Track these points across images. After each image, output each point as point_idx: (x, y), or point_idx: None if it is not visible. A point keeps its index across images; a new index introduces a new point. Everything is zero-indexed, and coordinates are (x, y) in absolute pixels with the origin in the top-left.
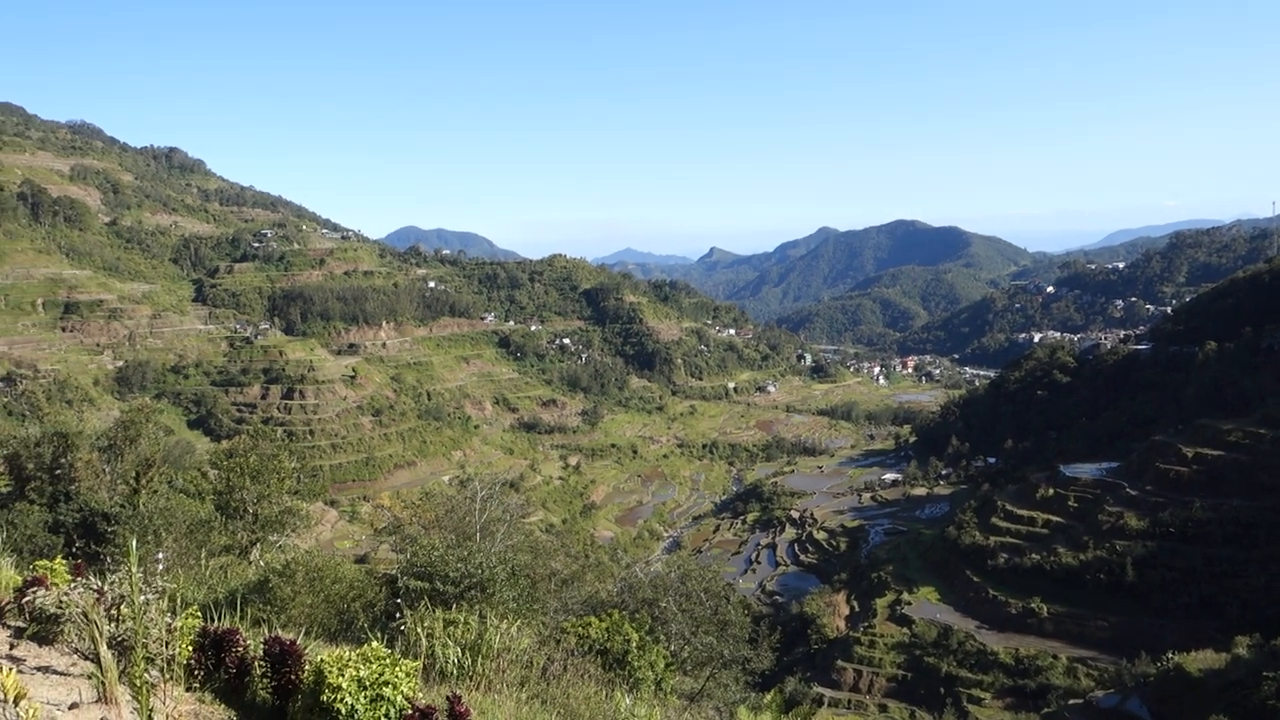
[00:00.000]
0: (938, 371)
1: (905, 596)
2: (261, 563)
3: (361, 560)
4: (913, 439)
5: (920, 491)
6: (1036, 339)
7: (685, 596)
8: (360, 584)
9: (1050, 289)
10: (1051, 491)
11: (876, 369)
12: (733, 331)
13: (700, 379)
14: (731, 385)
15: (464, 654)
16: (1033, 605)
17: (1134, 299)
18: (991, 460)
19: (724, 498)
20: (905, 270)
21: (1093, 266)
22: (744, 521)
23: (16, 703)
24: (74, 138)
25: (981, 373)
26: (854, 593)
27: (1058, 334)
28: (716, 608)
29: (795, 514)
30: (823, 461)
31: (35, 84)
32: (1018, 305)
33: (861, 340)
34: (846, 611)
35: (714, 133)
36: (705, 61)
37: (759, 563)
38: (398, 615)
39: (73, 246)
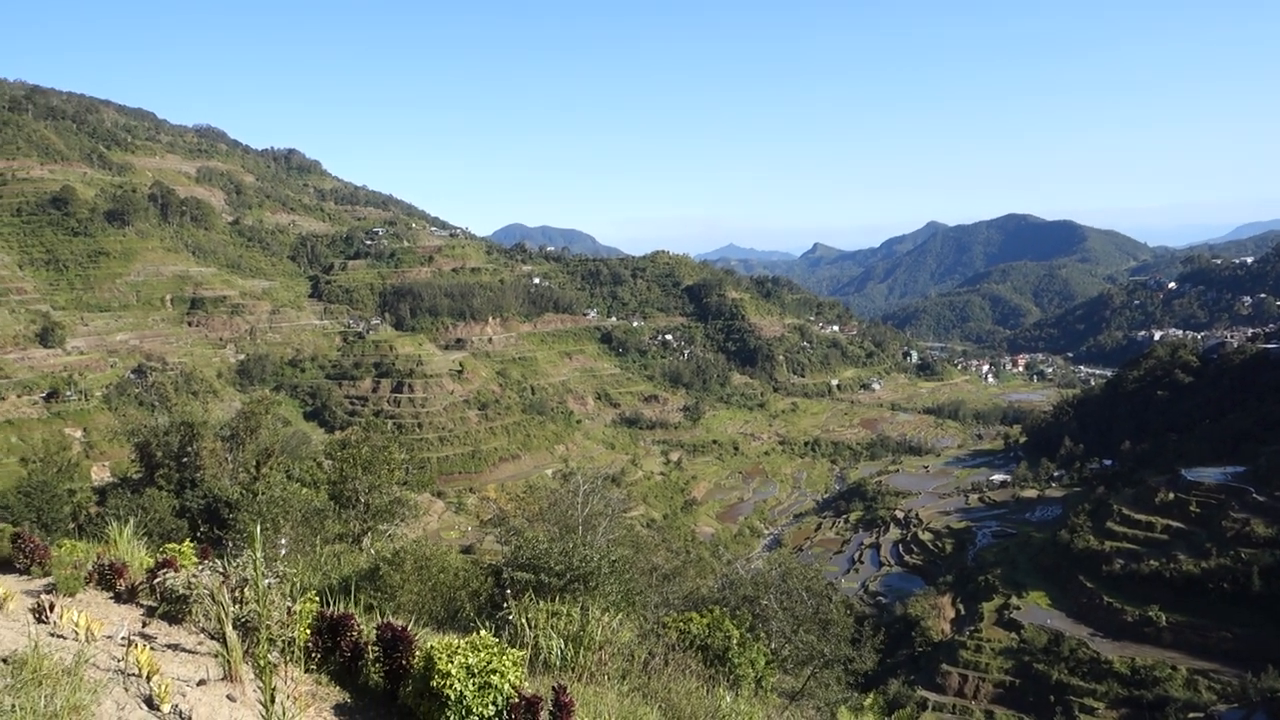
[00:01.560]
0: (1050, 370)
1: (1014, 601)
2: (372, 551)
3: (467, 550)
4: (1023, 439)
5: (1030, 493)
6: (1157, 337)
7: (786, 594)
8: (466, 574)
9: (1172, 285)
10: (1172, 496)
11: (985, 367)
12: (836, 328)
13: (803, 376)
14: (835, 382)
15: (567, 645)
16: (1150, 614)
17: (1263, 295)
18: (1107, 462)
19: (826, 496)
20: (1017, 266)
21: (1218, 261)
22: (847, 520)
23: (150, 678)
24: (200, 141)
25: (1097, 372)
26: (960, 595)
27: (1180, 332)
28: (818, 607)
29: (900, 514)
30: (928, 461)
31: (165, 90)
32: (1137, 302)
33: (970, 338)
34: (952, 614)
35: (820, 127)
36: (812, 56)
37: (862, 563)
38: (503, 605)
39: (198, 245)
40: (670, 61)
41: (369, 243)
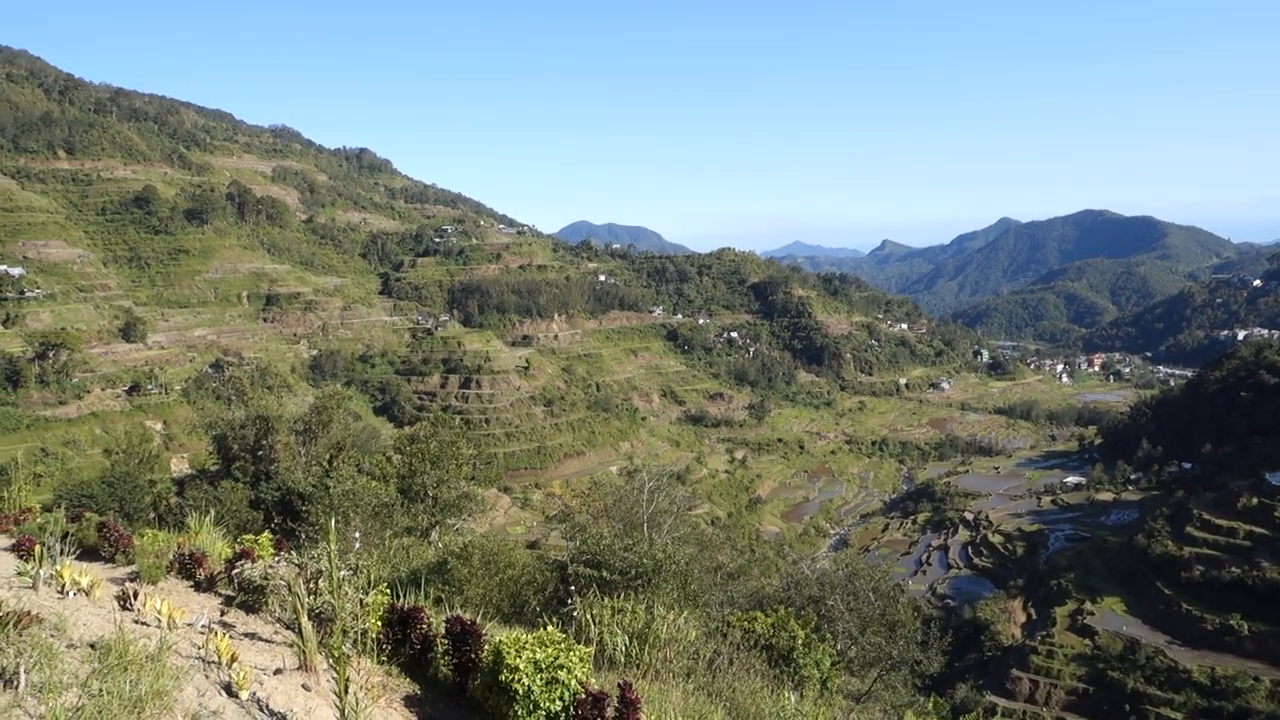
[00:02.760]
0: (1127, 370)
1: (1088, 606)
2: (440, 545)
3: (532, 546)
4: (1098, 441)
5: (1106, 496)
6: (1241, 336)
7: (853, 595)
8: (532, 569)
9: (1257, 282)
10: (1255, 501)
11: (1059, 366)
12: (905, 326)
13: (870, 374)
14: (903, 381)
15: (631, 642)
16: (1231, 622)
17: None
18: (1187, 465)
19: (893, 496)
20: (1093, 263)
21: None
22: (914, 521)
23: (229, 666)
24: (275, 141)
25: (1177, 372)
26: (1031, 600)
27: (1265, 331)
28: (885, 608)
29: (969, 515)
30: (999, 462)
31: (243, 92)
32: (1219, 300)
33: (1043, 336)
34: (1023, 619)
35: (891, 122)
36: (885, 51)
37: (930, 564)
38: (568, 601)
39: (273, 243)
40: (738, 58)
41: (438, 240)
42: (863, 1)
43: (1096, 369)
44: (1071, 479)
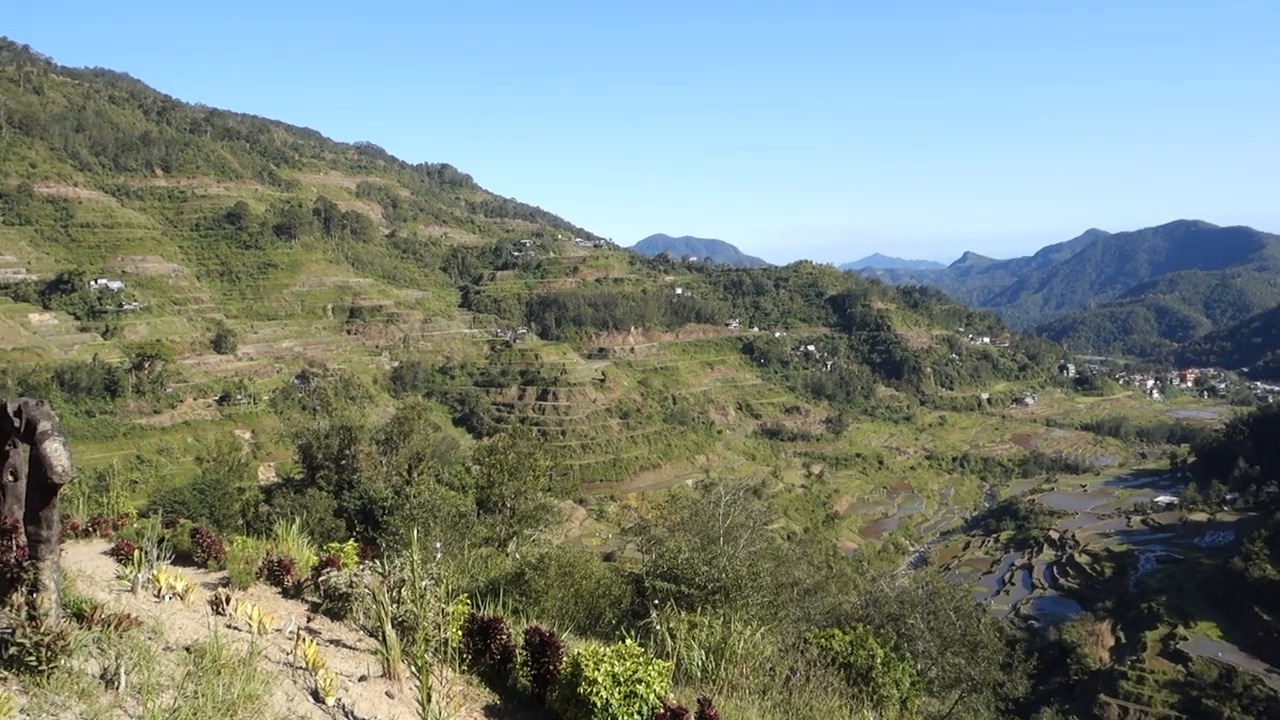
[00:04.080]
0: (1223, 386)
1: (1180, 631)
2: (517, 555)
3: (608, 558)
4: (1191, 459)
5: (1199, 517)
6: None
7: (933, 614)
8: (607, 581)
9: None
10: None
11: (1150, 382)
12: (987, 340)
13: (951, 389)
14: (985, 396)
15: (708, 657)
16: None
17: None
18: None
19: (975, 514)
20: (1185, 275)
21: None
22: (997, 540)
23: (316, 672)
24: (360, 158)
25: (1276, 388)
26: (1120, 623)
27: None
28: (966, 628)
29: (1054, 534)
30: (1086, 480)
31: (330, 110)
32: None
33: (1133, 351)
34: (1111, 642)
35: (972, 132)
36: (965, 58)
37: (1013, 584)
38: (645, 614)
39: (357, 256)
40: (815, 69)
41: (516, 254)
42: (949, 12)
43: (1189, 385)
44: (1163, 498)
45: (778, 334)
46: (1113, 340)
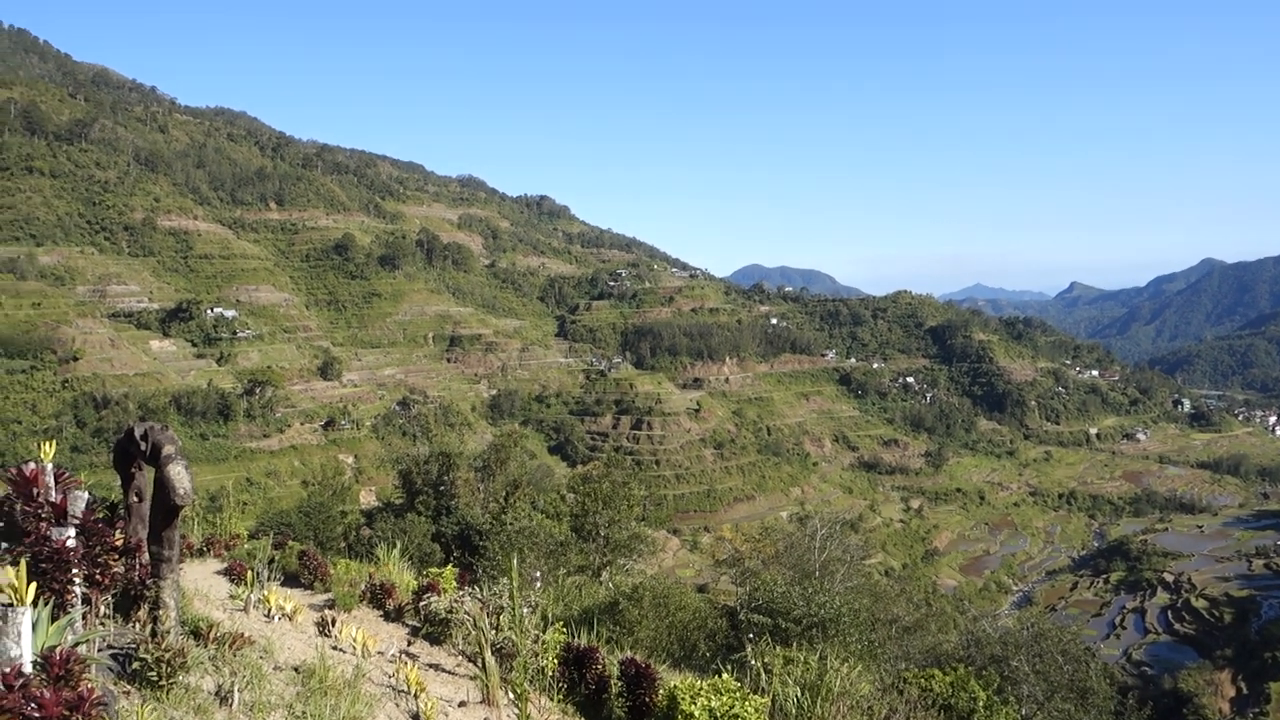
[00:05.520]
0: None
1: None
2: (611, 584)
3: (702, 589)
4: None
5: None
6: None
7: (1039, 657)
8: (702, 613)
9: None
10: None
11: (1272, 418)
12: (1095, 373)
13: (1057, 423)
14: (1093, 431)
15: (803, 694)
16: None
17: None
18: None
19: (1083, 553)
20: None
21: None
22: (1106, 581)
23: (417, 696)
24: (462, 190)
25: None
26: (1241, 672)
27: None
28: (1075, 673)
29: (1169, 577)
30: (1203, 520)
31: (433, 145)
32: None
33: (1253, 385)
34: (1232, 693)
35: (1076, 159)
36: (1069, 81)
37: (1124, 628)
38: (740, 648)
39: (458, 286)
40: (914, 99)
41: (612, 284)
42: (1057, 41)
43: None
44: None
45: (875, 365)
46: (1231, 374)
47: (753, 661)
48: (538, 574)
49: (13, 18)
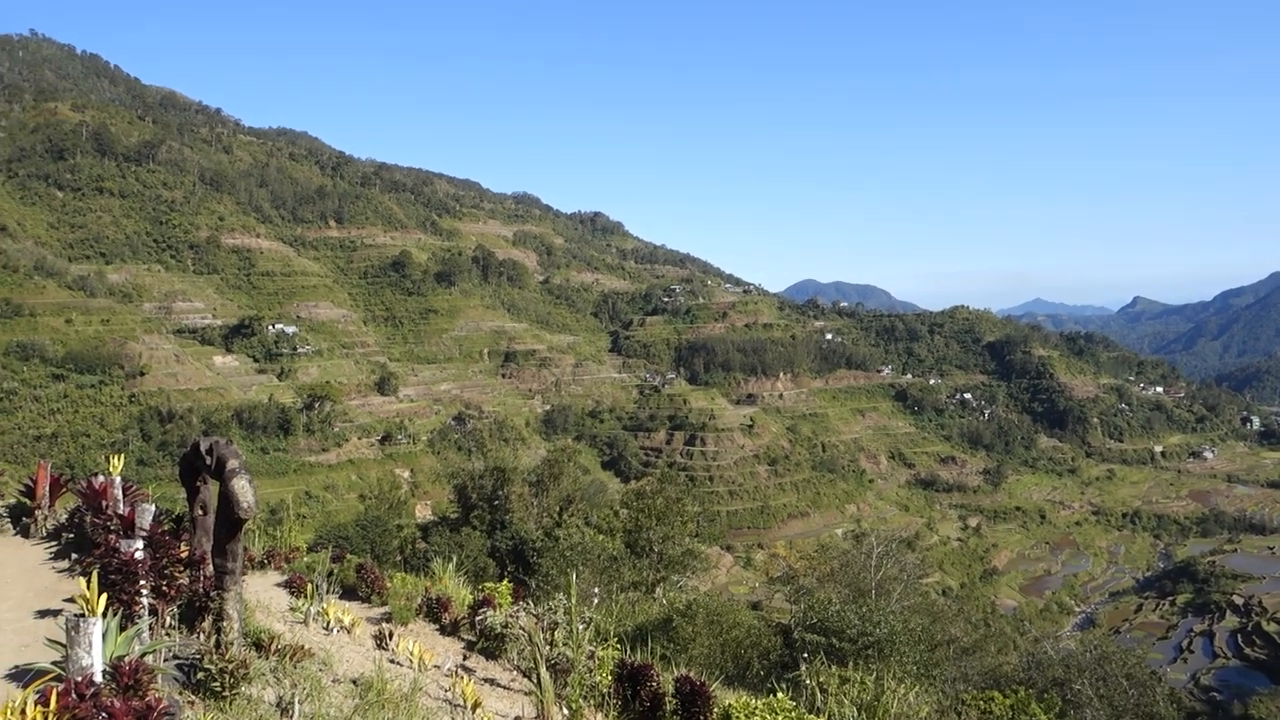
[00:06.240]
0: None
1: None
2: (665, 601)
3: (755, 607)
4: None
5: None
6: None
7: (1102, 680)
8: (756, 631)
9: None
10: None
11: None
12: (1160, 389)
13: (1120, 440)
14: (1158, 449)
15: (859, 715)
16: None
17: None
18: None
19: (1148, 574)
20: None
21: None
22: (1173, 603)
23: (473, 710)
24: (517, 207)
25: None
26: None
27: None
28: (1141, 697)
29: (1238, 599)
30: (1274, 541)
31: (489, 163)
32: None
33: None
34: None
35: (1142, 172)
36: (1133, 92)
37: (1192, 652)
38: (795, 667)
39: (513, 302)
40: (973, 113)
41: (666, 300)
42: (1122, 52)
43: None
44: None
45: (932, 381)
46: None
47: (807, 681)
48: (595, 590)
49: (86, 43)
